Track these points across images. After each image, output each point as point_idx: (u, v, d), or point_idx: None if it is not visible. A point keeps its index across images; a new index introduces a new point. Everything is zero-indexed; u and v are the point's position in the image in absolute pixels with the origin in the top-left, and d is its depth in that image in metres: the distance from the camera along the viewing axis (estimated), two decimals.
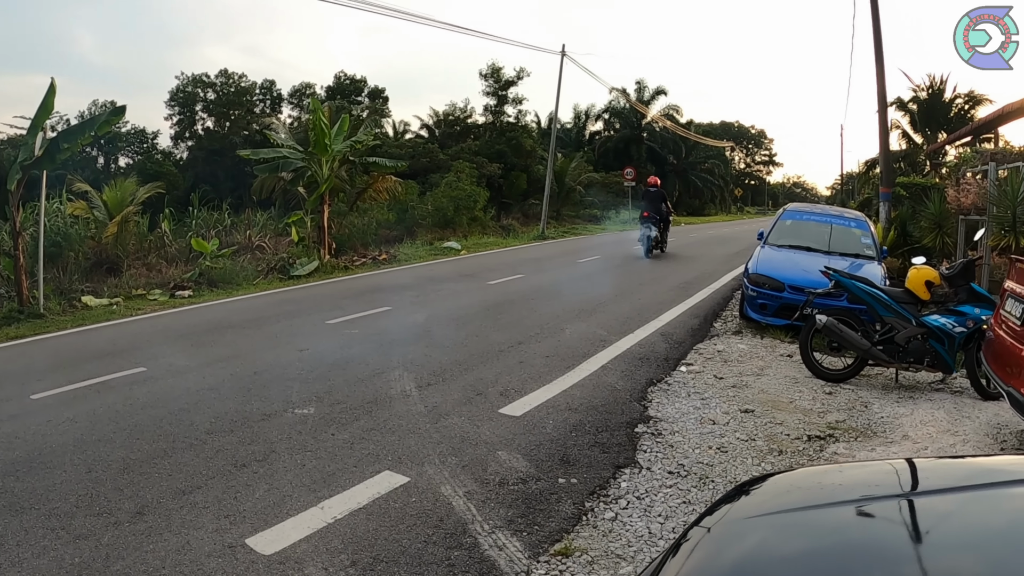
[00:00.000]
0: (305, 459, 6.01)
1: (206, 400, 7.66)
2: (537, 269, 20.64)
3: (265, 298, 15.31)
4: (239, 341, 10.72)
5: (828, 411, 8.31)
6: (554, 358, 9.76)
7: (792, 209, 17.00)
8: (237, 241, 25.89)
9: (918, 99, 41.63)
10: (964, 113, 40.61)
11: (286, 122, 51.64)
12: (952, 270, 9.73)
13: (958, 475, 2.33)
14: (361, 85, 64.25)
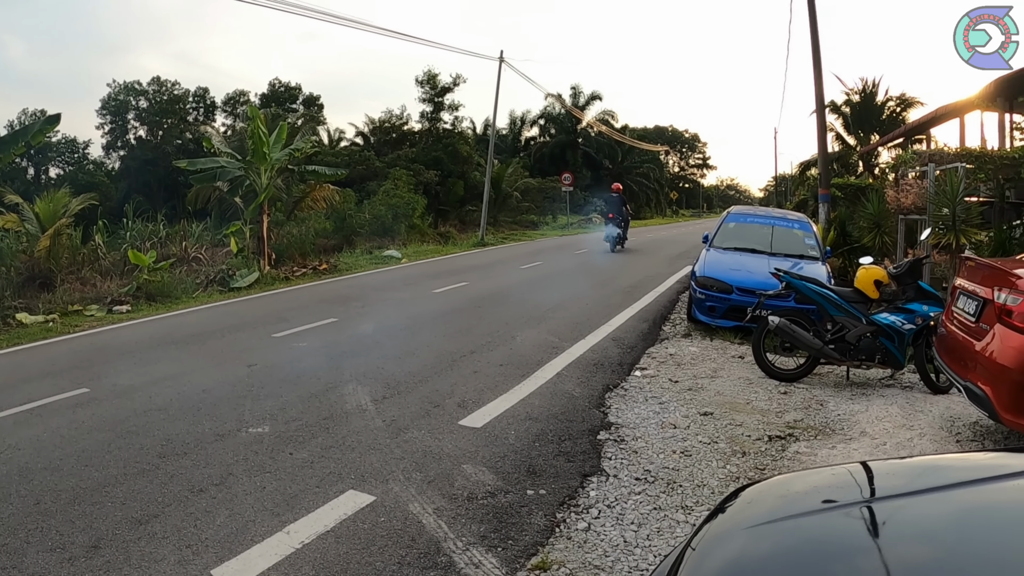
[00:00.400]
0: (265, 481, 5.78)
1: (155, 422, 7.35)
2: (481, 276, 20.52)
3: (207, 312, 14.94)
4: (184, 358, 10.37)
5: (785, 411, 8.35)
6: (508, 366, 9.65)
7: (736, 212, 17.13)
8: (173, 253, 25.30)
9: (851, 102, 42.45)
10: (896, 115, 41.46)
11: (220, 129, 50.98)
12: (900, 269, 9.90)
13: (912, 477, 2.39)
14: (296, 92, 63.70)
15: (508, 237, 42.15)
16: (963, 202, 13.35)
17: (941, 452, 6.85)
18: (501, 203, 51.87)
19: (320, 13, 43.94)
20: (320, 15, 35.86)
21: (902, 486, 2.25)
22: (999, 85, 18.21)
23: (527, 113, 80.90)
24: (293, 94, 63.99)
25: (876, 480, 2.31)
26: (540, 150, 78.52)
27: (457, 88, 54.23)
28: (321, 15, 41.04)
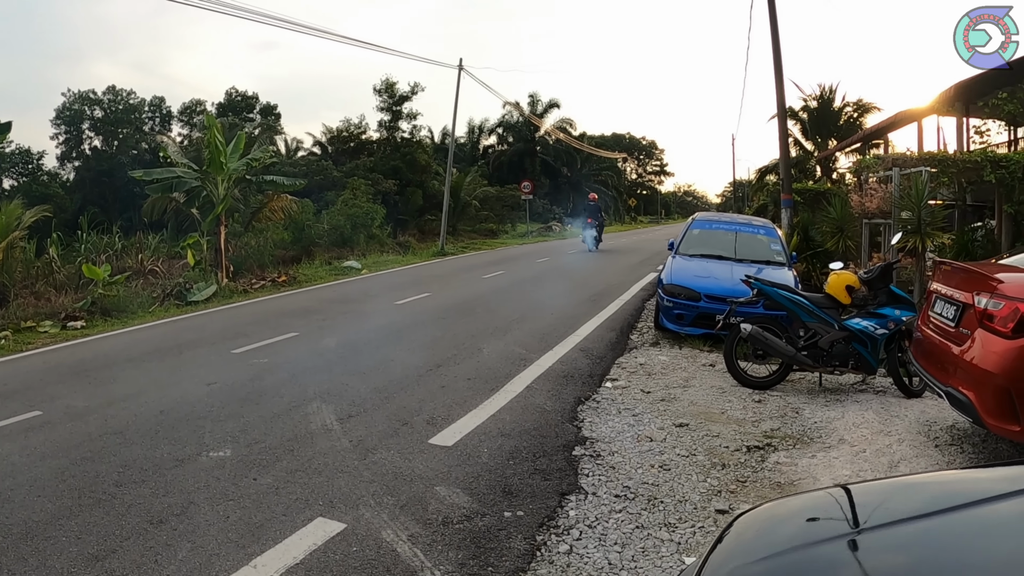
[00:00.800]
0: (228, 510, 5.44)
1: (111, 446, 6.95)
2: (443, 287, 20.25)
3: (164, 327, 14.50)
4: (141, 377, 9.96)
5: (761, 420, 8.23)
6: (477, 380, 9.41)
7: (701, 218, 17.05)
8: (129, 266, 24.80)
9: (808, 108, 42.80)
10: (853, 121, 41.90)
11: (176, 139, 50.30)
12: (871, 274, 9.89)
13: (900, 501, 2.38)
14: (253, 101, 63.01)
15: (468, 246, 41.90)
16: (927, 206, 13.35)
17: (921, 455, 6.87)
18: (460, 212, 51.68)
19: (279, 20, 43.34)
20: (278, 22, 35.74)
21: (890, 512, 2.23)
22: (959, 89, 18.36)
23: (485, 121, 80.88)
24: (250, 103, 63.32)
25: (859, 507, 2.29)
26: (498, 158, 78.46)
27: (415, 97, 53.90)
28: (280, 22, 41.00)
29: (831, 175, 39.15)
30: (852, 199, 16.61)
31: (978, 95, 19.34)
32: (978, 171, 13.86)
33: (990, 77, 17.48)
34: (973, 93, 19.10)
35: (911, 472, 6.43)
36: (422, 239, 44.80)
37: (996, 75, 17.16)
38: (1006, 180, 13.57)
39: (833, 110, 42.71)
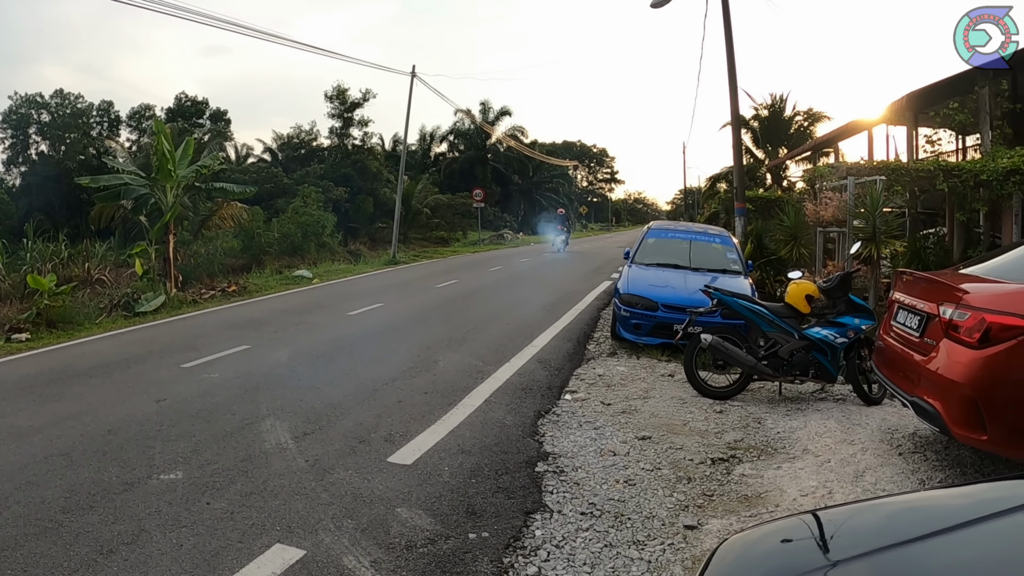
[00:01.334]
0: (181, 537, 5.17)
1: (57, 469, 6.60)
2: (396, 296, 20.01)
3: (111, 340, 14.09)
4: (88, 393, 9.56)
5: (724, 431, 8.17)
6: (434, 394, 9.22)
7: (656, 228, 17.04)
8: (76, 275, 24.21)
9: (759, 117, 43.18)
10: (804, 130, 42.40)
11: (125, 145, 49.46)
12: (830, 283, 9.92)
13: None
14: (203, 107, 61.99)
15: (420, 255, 41.70)
16: (882, 214, 13.42)
17: (885, 464, 6.83)
18: (411, 220, 51.49)
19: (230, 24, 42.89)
20: (230, 26, 35.24)
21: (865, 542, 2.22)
22: (910, 99, 18.52)
23: (437, 129, 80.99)
24: (200, 109, 62.29)
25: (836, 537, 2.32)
26: (450, 166, 78.49)
27: (367, 103, 53.80)
28: (231, 26, 40.38)
29: (782, 183, 39.51)
30: (807, 207, 16.70)
31: (928, 105, 19.59)
32: (931, 180, 14.01)
33: (941, 87, 17.78)
34: (924, 103, 19.33)
35: (877, 482, 6.40)
36: (373, 247, 44.54)
37: (946, 85, 17.46)
38: (958, 189, 13.71)
39: (784, 119, 43.16)
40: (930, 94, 18.67)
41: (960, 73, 17.25)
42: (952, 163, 15.33)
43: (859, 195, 14.19)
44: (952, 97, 18.01)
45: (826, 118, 43.17)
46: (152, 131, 26.64)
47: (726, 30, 21.02)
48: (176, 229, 23.69)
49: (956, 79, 17.44)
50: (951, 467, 6.85)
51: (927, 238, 15.87)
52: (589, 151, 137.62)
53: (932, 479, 6.51)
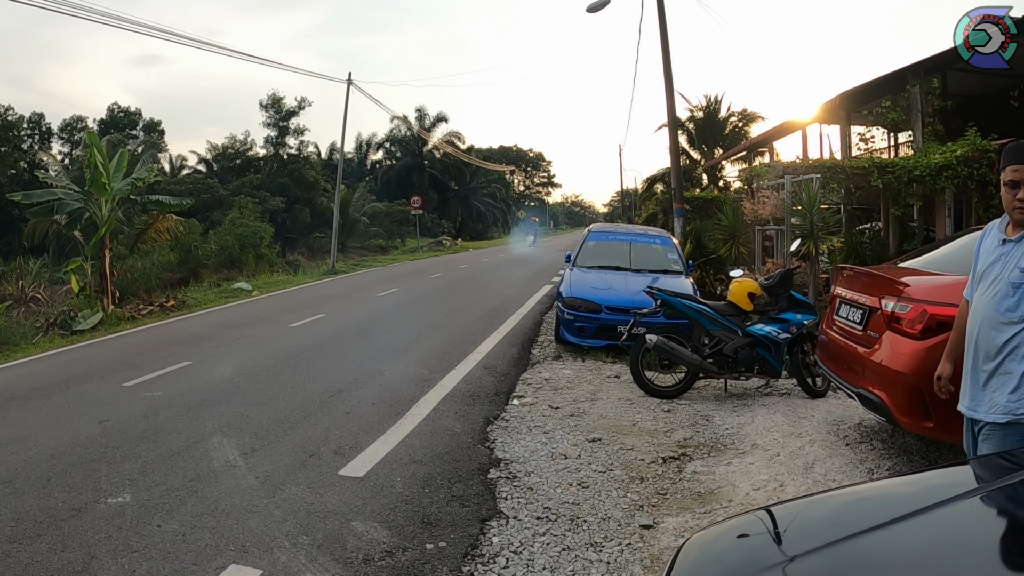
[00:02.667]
0: (133, 563, 5.00)
1: (1, 497, 6.36)
2: (338, 307, 19.85)
3: (49, 360, 13.72)
4: (27, 417, 9.26)
5: (673, 429, 8.24)
6: (381, 405, 9.15)
7: (597, 230, 17.15)
8: (9, 293, 23.76)
9: (695, 118, 43.59)
10: (738, 130, 42.90)
11: (58, 158, 48.45)
12: (771, 280, 10.07)
13: None
14: (136, 118, 60.98)
15: (359, 264, 41.43)
16: (819, 211, 13.61)
17: (834, 455, 6.97)
18: (349, 229, 51.27)
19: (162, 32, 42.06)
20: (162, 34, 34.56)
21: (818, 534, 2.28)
22: (844, 98, 18.84)
23: (373, 136, 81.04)
24: (133, 120, 61.25)
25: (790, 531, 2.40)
26: (387, 173, 78.43)
27: (303, 112, 53.40)
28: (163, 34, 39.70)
29: (718, 183, 39.91)
30: (744, 206, 16.88)
31: (861, 103, 19.93)
32: (865, 177, 14.21)
33: (874, 86, 18.22)
34: (857, 102, 19.68)
35: (827, 473, 6.52)
36: (312, 257, 44.28)
37: (879, 84, 17.87)
38: (893, 185, 13.93)
39: (719, 120, 43.63)
40: (863, 93, 19.07)
41: (892, 72, 17.75)
42: (886, 160, 15.57)
43: (795, 193, 14.38)
44: (885, 96, 18.38)
45: (760, 118, 43.77)
46: (85, 143, 26.05)
47: (662, 34, 21.19)
48: (112, 244, 23.29)
49: (888, 78, 17.92)
50: (897, 455, 6.99)
51: (863, 233, 16.11)
52: (526, 156, 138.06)
53: (880, 467, 6.64)
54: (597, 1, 22.23)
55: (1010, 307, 3.83)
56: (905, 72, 17.41)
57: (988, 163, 13.43)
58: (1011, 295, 3.82)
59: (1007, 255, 3.90)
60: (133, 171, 24.71)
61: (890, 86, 18.15)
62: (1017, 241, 3.87)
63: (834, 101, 19.24)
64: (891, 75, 17.91)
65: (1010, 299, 3.83)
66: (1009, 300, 3.83)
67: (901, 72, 17.54)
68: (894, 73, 17.78)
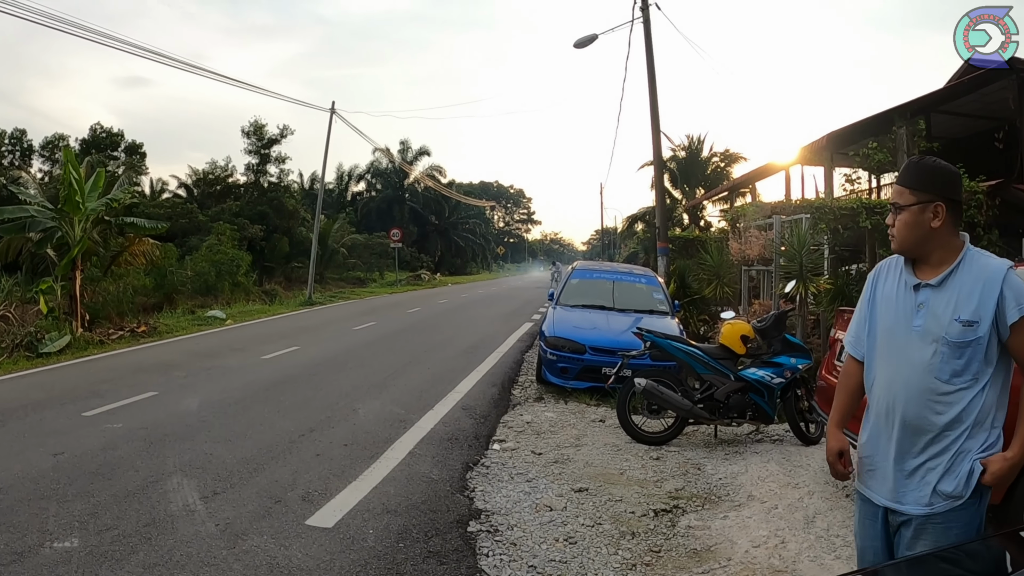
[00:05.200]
0: None
1: None
2: (313, 339, 19.35)
3: (11, 384, 13.03)
4: None
5: (663, 479, 7.82)
6: (354, 447, 8.65)
7: (581, 268, 16.83)
8: None
9: (676, 158, 43.74)
10: (720, 170, 43.19)
11: (36, 176, 47.66)
12: (764, 322, 9.71)
13: None
14: (118, 139, 59.91)
15: (336, 295, 40.95)
16: (809, 252, 13.36)
17: (834, 508, 6.59)
18: (328, 260, 50.78)
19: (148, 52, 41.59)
20: (149, 54, 34.22)
21: None
22: (831, 139, 18.72)
23: (355, 168, 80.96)
24: (115, 141, 60.06)
25: None
26: (367, 205, 78.26)
27: (284, 140, 52.81)
28: (150, 54, 39.35)
29: (699, 223, 39.88)
30: (731, 246, 16.61)
31: (846, 144, 19.81)
32: (854, 217, 13.99)
33: (860, 127, 18.15)
34: (841, 143, 19.56)
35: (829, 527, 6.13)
36: (289, 287, 43.76)
37: (865, 125, 17.76)
38: (881, 226, 13.68)
39: (701, 160, 43.87)
40: (848, 135, 18.99)
41: (878, 114, 17.78)
42: (875, 201, 15.38)
43: (784, 233, 14.13)
44: (869, 137, 18.24)
45: (742, 159, 44.05)
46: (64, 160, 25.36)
47: (649, 71, 21.16)
48: (84, 265, 22.67)
49: (874, 120, 17.90)
50: None
51: (849, 274, 15.84)
52: (506, 192, 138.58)
53: None
54: (585, 37, 22.20)
55: (956, 371, 3.09)
56: (891, 113, 17.35)
57: (976, 204, 13.37)
58: (955, 356, 3.08)
59: (929, 304, 3.17)
60: (110, 191, 24.12)
61: (875, 127, 18.08)
62: (938, 285, 3.17)
63: (820, 142, 19.15)
64: (877, 116, 17.90)
65: (955, 362, 3.08)
66: (954, 363, 3.09)
67: (887, 114, 17.51)
68: (880, 115, 17.78)
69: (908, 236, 3.22)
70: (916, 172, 3.23)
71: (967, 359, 3.05)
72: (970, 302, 3.07)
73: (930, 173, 3.20)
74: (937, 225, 3.15)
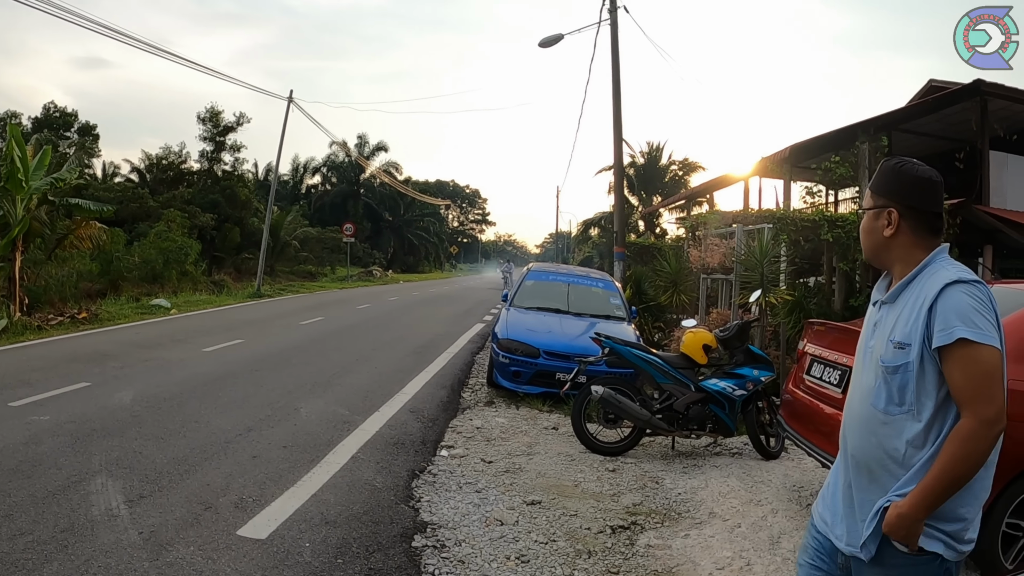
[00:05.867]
0: None
1: None
2: (258, 332, 18.77)
3: None
4: None
5: (620, 492, 7.45)
6: (294, 448, 8.17)
7: (537, 269, 16.39)
8: None
9: (635, 164, 43.81)
10: (679, 179, 43.44)
11: None
12: (727, 332, 9.40)
13: None
14: (72, 119, 58.63)
15: (286, 288, 40.27)
16: (771, 262, 13.15)
17: (799, 527, 6.29)
18: (279, 252, 50.06)
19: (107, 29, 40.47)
20: (107, 31, 33.04)
21: None
22: (792, 152, 18.63)
23: (311, 160, 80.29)
24: (68, 121, 58.74)
25: None
26: (321, 199, 77.67)
27: (241, 128, 51.73)
28: (108, 31, 37.90)
29: (654, 230, 39.83)
30: (691, 254, 16.36)
31: (807, 158, 19.72)
32: (815, 229, 13.81)
33: (820, 142, 18.15)
34: (803, 156, 19.44)
35: (795, 548, 5.79)
36: (239, 278, 43.05)
37: (825, 140, 18.01)
38: (842, 239, 13.56)
39: (659, 167, 43.98)
40: (812, 147, 18.87)
41: (842, 128, 17.70)
42: (836, 214, 15.23)
43: (746, 242, 13.90)
44: (829, 152, 18.17)
45: (701, 168, 44.37)
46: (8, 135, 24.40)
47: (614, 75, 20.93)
48: (25, 246, 21.86)
49: (837, 134, 17.81)
50: None
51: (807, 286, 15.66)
52: (462, 191, 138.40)
53: None
54: (550, 36, 21.91)
55: (891, 398, 2.69)
56: (855, 128, 17.21)
57: None
58: (890, 382, 2.70)
59: (881, 323, 2.83)
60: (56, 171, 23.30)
61: (837, 142, 17.96)
62: (891, 301, 2.82)
63: (783, 153, 19.02)
64: (840, 131, 17.81)
65: (890, 388, 2.70)
66: (889, 390, 2.70)
67: (851, 128, 17.39)
68: (843, 129, 17.70)
69: (865, 242, 2.93)
70: (880, 174, 2.89)
71: (899, 385, 2.66)
72: (908, 321, 2.68)
73: (890, 176, 2.85)
74: (889, 234, 2.81)
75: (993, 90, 14.63)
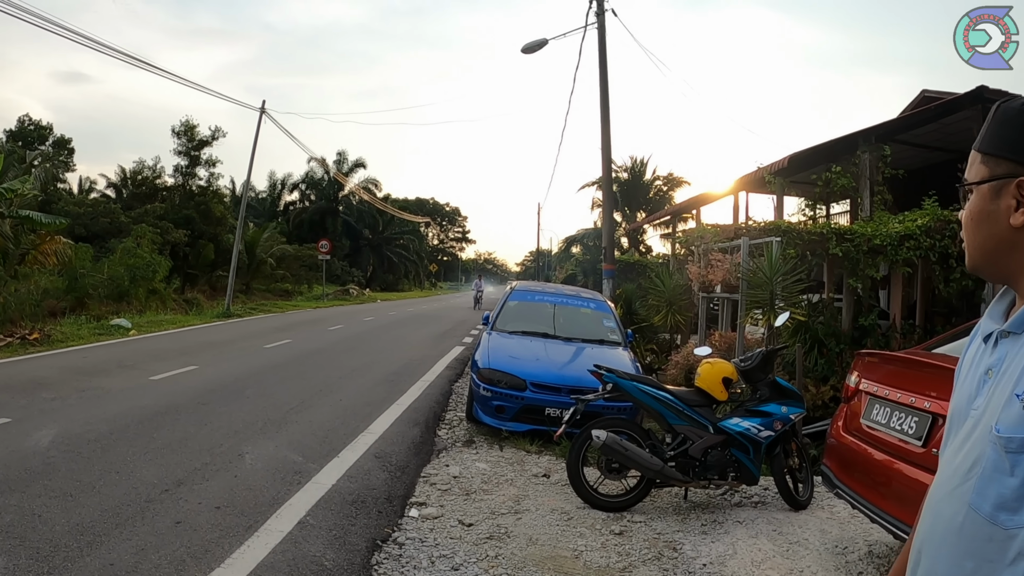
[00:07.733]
0: None
1: None
2: (216, 357, 17.25)
3: None
4: None
5: (632, 566, 6.00)
6: (228, 511, 6.62)
7: (521, 289, 14.87)
8: None
9: (619, 180, 43.48)
10: (663, 194, 43.20)
11: None
12: (749, 363, 7.98)
13: None
14: (46, 132, 57.23)
15: (259, 307, 38.88)
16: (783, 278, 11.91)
17: None
18: (255, 270, 48.80)
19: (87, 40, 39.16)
20: (86, 41, 31.81)
21: None
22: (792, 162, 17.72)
23: (288, 176, 79.74)
24: (43, 134, 57.33)
25: None
26: (299, 216, 76.96)
27: (216, 143, 50.36)
28: (87, 41, 36.65)
29: (639, 247, 39.06)
30: (691, 270, 15.07)
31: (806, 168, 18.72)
32: (823, 243, 12.67)
33: (820, 151, 17.39)
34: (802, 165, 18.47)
35: None
36: (213, 296, 41.87)
37: (823, 150, 17.27)
38: (851, 253, 12.46)
39: (643, 183, 43.57)
40: (810, 158, 17.94)
41: (840, 138, 17.05)
42: (845, 227, 14.09)
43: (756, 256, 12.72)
44: (830, 162, 17.27)
45: (686, 183, 43.97)
46: None
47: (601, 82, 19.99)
48: None
49: (835, 144, 17.15)
50: None
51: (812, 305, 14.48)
52: (442, 209, 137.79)
53: None
54: (533, 42, 20.89)
55: (1002, 502, 1.38)
56: (855, 138, 16.47)
57: (951, 234, 12.20)
58: (1004, 471, 1.38)
59: (999, 369, 1.50)
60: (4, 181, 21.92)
61: (834, 153, 17.26)
62: (1019, 331, 1.49)
63: (781, 163, 17.92)
64: (837, 141, 17.16)
65: (1004, 481, 1.38)
66: (1001, 485, 1.38)
67: (850, 138, 16.66)
68: (841, 139, 17.04)
69: (973, 238, 1.60)
70: (1001, 123, 1.52)
71: None
72: None
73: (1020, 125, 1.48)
74: (1020, 221, 1.49)
75: (995, 97, 13.67)
